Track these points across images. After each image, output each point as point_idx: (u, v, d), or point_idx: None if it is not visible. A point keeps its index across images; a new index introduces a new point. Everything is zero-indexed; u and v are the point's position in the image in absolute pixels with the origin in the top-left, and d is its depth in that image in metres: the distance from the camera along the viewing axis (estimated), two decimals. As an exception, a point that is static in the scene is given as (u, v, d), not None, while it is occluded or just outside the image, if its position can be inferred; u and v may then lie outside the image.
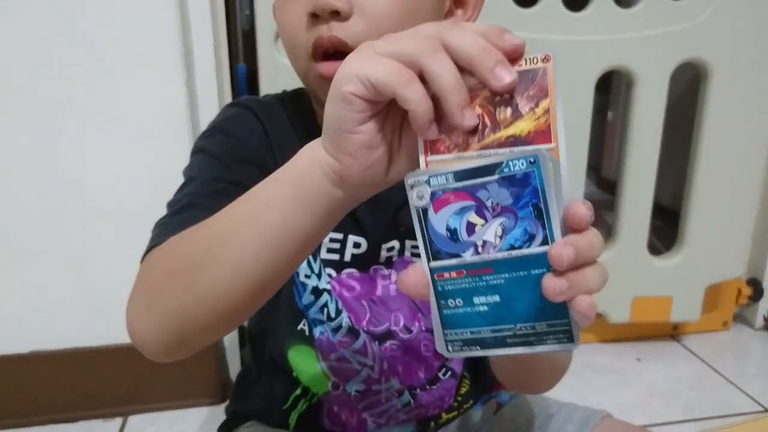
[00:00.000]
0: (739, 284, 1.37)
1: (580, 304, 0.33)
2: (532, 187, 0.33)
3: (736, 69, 1.15)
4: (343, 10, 0.50)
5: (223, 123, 0.61)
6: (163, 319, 0.44)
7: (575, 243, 0.33)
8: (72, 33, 0.94)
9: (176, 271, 0.44)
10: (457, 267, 0.36)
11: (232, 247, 0.41)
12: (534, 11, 1.07)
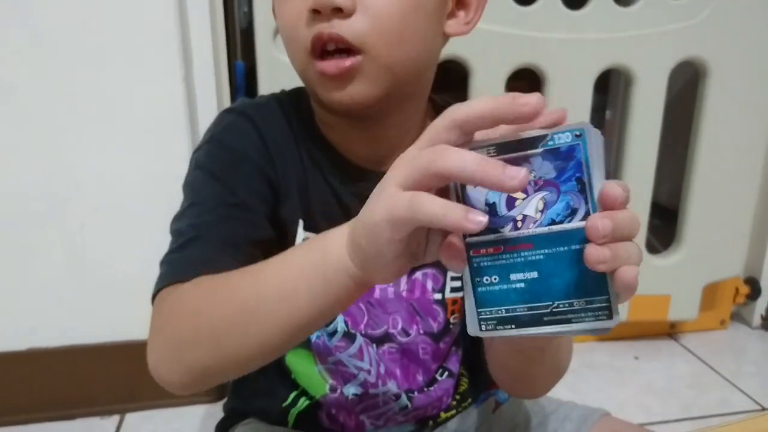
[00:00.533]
0: (737, 283, 1.37)
1: (625, 274, 0.33)
2: (577, 161, 0.33)
3: (734, 68, 1.15)
4: (345, 6, 0.50)
5: (219, 134, 0.60)
6: (187, 370, 0.48)
7: (613, 216, 0.33)
8: (70, 30, 0.94)
9: (203, 332, 0.46)
10: (494, 242, 0.35)
11: (261, 323, 0.44)
12: (533, 9, 1.07)
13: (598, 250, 0.33)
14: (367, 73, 0.52)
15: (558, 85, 1.11)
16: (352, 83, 0.52)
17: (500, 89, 1.10)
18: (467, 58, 1.06)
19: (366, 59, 0.51)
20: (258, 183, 0.58)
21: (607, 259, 0.33)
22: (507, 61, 1.08)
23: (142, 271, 1.06)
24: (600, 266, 0.33)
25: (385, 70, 0.53)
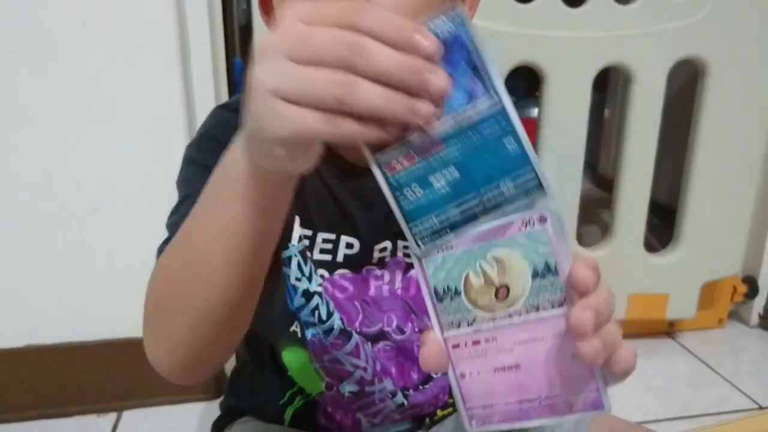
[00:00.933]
0: (735, 282, 1.37)
1: (623, 360, 0.33)
2: (464, 47, 0.31)
3: (733, 66, 1.14)
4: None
5: (213, 130, 0.60)
6: (170, 347, 0.46)
7: (592, 305, 0.32)
8: (69, 29, 0.94)
9: (165, 303, 0.45)
10: (405, 151, 0.33)
11: (205, 262, 0.42)
12: (533, 7, 1.07)
13: (588, 345, 0.31)
14: None
15: (557, 83, 1.11)
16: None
17: (499, 87, 1.10)
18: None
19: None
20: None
21: (598, 351, 0.31)
22: (506, 58, 1.08)
23: (141, 270, 1.06)
24: (598, 359, 0.32)
25: None
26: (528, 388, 0.34)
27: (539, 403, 0.34)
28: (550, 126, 1.13)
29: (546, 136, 1.14)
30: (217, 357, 0.49)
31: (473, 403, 0.35)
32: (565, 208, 1.09)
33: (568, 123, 1.14)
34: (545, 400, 0.34)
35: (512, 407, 0.35)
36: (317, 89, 0.30)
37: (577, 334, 0.31)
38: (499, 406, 0.35)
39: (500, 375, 0.34)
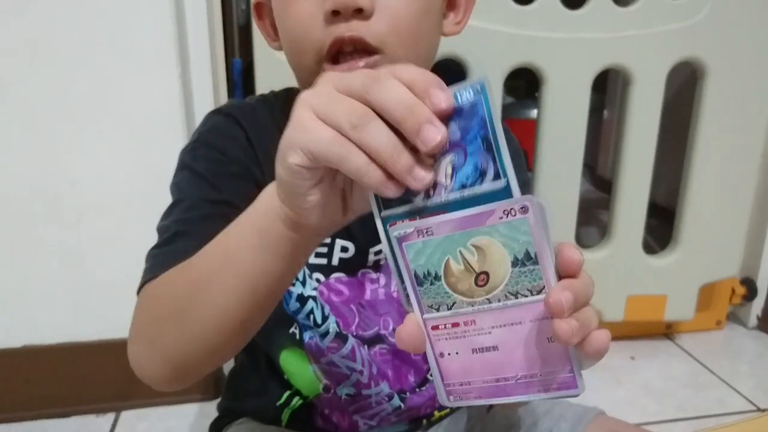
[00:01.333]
0: (733, 284, 1.37)
1: (597, 340, 0.33)
2: (480, 117, 0.31)
3: (732, 68, 1.14)
4: (367, 8, 0.50)
5: (206, 135, 0.60)
6: (162, 359, 0.47)
7: (572, 287, 0.33)
8: (66, 27, 0.94)
9: (166, 316, 0.46)
10: (409, 214, 0.34)
11: (212, 291, 0.43)
12: (532, 8, 1.07)
13: (564, 324, 0.32)
14: None
15: (556, 84, 1.11)
16: None
17: (498, 88, 1.10)
18: (465, 57, 1.06)
19: (383, 59, 0.51)
20: (244, 182, 0.57)
21: (575, 331, 0.32)
22: (505, 60, 1.08)
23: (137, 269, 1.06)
24: (573, 339, 0.32)
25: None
26: (504, 368, 0.35)
27: (515, 382, 0.35)
28: (550, 127, 1.13)
29: (545, 137, 1.14)
30: (204, 372, 0.49)
31: (451, 380, 0.36)
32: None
33: (567, 124, 1.14)
34: (521, 379, 0.35)
35: (489, 385, 0.36)
36: (339, 111, 0.33)
37: (554, 314, 0.32)
38: (476, 384, 0.36)
39: (478, 355, 0.35)
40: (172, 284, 0.47)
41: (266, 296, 0.43)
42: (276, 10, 0.56)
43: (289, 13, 0.53)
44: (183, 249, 0.48)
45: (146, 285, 0.51)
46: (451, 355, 0.36)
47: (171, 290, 0.47)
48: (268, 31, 0.62)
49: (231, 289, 0.42)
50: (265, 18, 0.62)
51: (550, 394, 0.35)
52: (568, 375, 0.34)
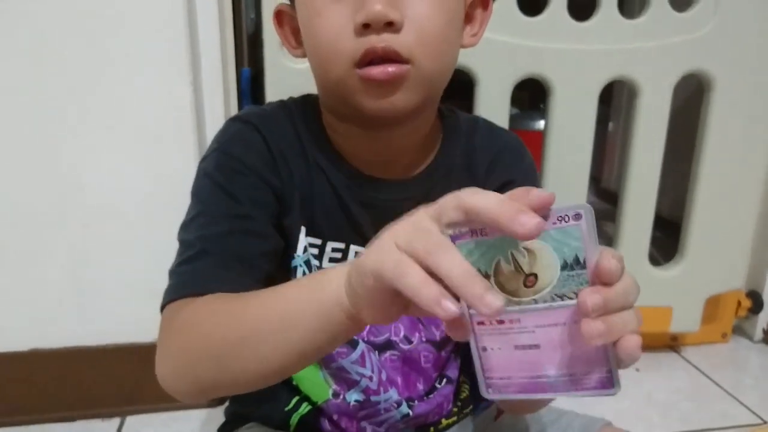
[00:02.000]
0: (739, 296, 1.37)
1: (626, 344, 0.35)
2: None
3: (738, 81, 1.15)
4: (397, 21, 0.51)
5: (226, 144, 0.62)
6: (193, 384, 0.51)
7: (603, 291, 0.34)
8: (79, 33, 0.94)
9: (208, 353, 0.49)
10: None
11: (261, 350, 0.46)
12: (539, 20, 1.07)
13: (591, 325, 0.34)
14: (411, 83, 0.54)
15: (563, 95, 1.11)
16: (396, 92, 0.54)
17: (505, 99, 1.11)
18: (473, 68, 1.07)
19: (412, 69, 0.53)
20: (263, 193, 0.59)
21: (601, 332, 0.34)
22: (512, 71, 1.09)
23: (145, 275, 1.07)
24: (595, 340, 0.34)
25: (426, 81, 0.55)
26: (544, 365, 0.37)
27: (554, 380, 0.37)
28: (556, 138, 1.14)
29: (551, 148, 1.14)
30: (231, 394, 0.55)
31: (492, 374, 0.38)
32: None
33: (573, 135, 1.15)
34: (559, 377, 0.37)
35: (528, 381, 0.38)
36: (411, 250, 0.35)
37: (582, 314, 0.34)
38: (515, 379, 0.38)
39: (520, 352, 0.37)
40: (217, 323, 0.50)
41: (309, 360, 0.48)
42: (302, 19, 0.57)
43: (318, 24, 0.54)
44: (209, 270, 0.53)
45: (173, 303, 0.53)
46: (494, 350, 0.38)
47: (216, 330, 0.49)
48: (289, 38, 0.63)
49: (281, 352, 0.46)
50: (285, 26, 0.63)
51: (586, 393, 0.36)
52: (605, 375, 0.36)
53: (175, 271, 0.57)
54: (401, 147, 0.63)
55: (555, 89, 1.11)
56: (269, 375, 0.48)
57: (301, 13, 0.57)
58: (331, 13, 0.53)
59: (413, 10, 0.52)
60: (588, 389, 0.36)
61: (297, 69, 0.97)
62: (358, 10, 0.51)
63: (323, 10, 0.54)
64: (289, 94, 0.70)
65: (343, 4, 0.53)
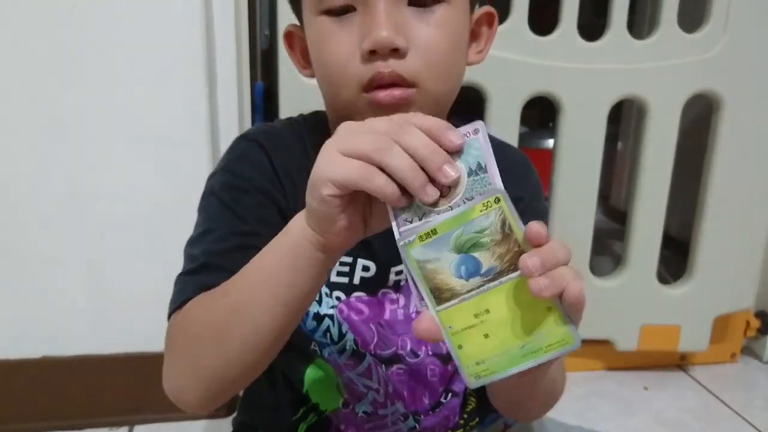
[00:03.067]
0: (748, 316, 1.36)
1: (570, 291, 0.39)
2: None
3: (747, 101, 1.16)
4: (402, 48, 0.53)
5: (233, 163, 0.63)
6: (199, 380, 0.53)
7: (539, 251, 0.40)
8: (99, 46, 0.96)
9: (206, 338, 0.52)
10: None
11: (250, 311, 0.49)
12: (551, 39, 1.09)
13: (537, 281, 0.39)
14: (417, 105, 0.55)
15: (573, 114, 1.12)
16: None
17: (515, 116, 1.12)
18: (484, 85, 1.08)
19: (418, 93, 0.54)
20: (267, 210, 0.61)
21: (547, 285, 0.39)
22: (523, 89, 1.10)
23: (158, 285, 1.07)
24: (544, 293, 0.39)
25: (432, 102, 0.56)
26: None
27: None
28: (565, 157, 1.15)
29: (561, 166, 1.15)
30: (236, 391, 0.54)
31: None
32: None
33: (583, 154, 1.15)
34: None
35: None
36: (365, 145, 0.41)
37: (525, 274, 0.39)
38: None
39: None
40: (209, 308, 0.52)
41: (296, 312, 0.50)
42: (312, 43, 0.59)
43: (326, 49, 0.56)
44: (211, 278, 0.53)
45: (177, 311, 0.55)
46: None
47: (209, 314, 0.52)
48: (299, 59, 0.64)
49: (268, 307, 0.48)
50: (295, 47, 0.64)
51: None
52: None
53: (178, 280, 0.59)
54: None
55: (565, 108, 1.12)
56: (268, 343, 0.50)
57: (309, 35, 0.59)
58: (338, 38, 0.55)
59: (418, 34, 0.54)
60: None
61: (310, 84, 0.97)
62: (365, 35, 0.53)
63: (331, 35, 0.55)
64: (303, 108, 0.71)
65: (350, 29, 0.54)
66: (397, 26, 0.52)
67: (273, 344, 0.50)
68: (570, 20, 1.08)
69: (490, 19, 0.64)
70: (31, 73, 0.96)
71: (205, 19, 0.98)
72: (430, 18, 0.54)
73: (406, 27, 0.53)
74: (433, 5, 0.55)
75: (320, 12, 0.55)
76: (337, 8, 0.54)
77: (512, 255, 0.41)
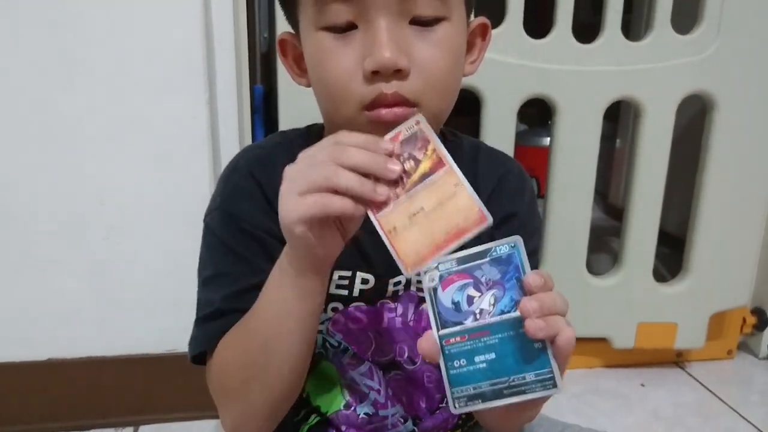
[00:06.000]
0: (744, 313, 1.38)
1: (563, 335, 0.43)
2: (514, 265, 0.45)
3: (741, 101, 1.17)
4: (405, 69, 0.53)
5: (228, 202, 0.65)
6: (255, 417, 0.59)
7: (539, 297, 0.44)
8: (99, 50, 0.98)
9: (249, 379, 0.58)
10: (460, 332, 0.45)
11: (279, 343, 0.55)
12: (546, 42, 1.10)
13: (534, 322, 0.43)
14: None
15: (568, 115, 1.13)
16: None
17: (512, 118, 1.13)
18: (481, 88, 1.09)
19: (418, 111, 0.54)
20: (267, 244, 0.62)
21: (542, 327, 0.42)
22: (519, 91, 1.11)
23: (160, 287, 1.09)
24: (538, 334, 0.42)
25: (432, 119, 0.57)
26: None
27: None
28: (562, 157, 1.16)
29: (557, 166, 1.17)
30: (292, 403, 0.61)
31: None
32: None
33: (579, 154, 1.17)
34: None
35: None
36: (314, 179, 0.47)
37: (523, 314, 0.43)
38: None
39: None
40: (242, 351, 0.58)
41: (313, 325, 0.56)
42: (310, 58, 0.58)
43: (327, 66, 0.55)
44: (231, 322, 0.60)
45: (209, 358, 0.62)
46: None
47: (243, 356, 0.58)
48: (292, 66, 0.64)
49: (290, 333, 0.55)
50: (288, 54, 0.64)
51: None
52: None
53: (200, 326, 0.63)
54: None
55: (560, 109, 1.13)
56: (301, 360, 0.57)
57: (308, 49, 0.58)
58: (340, 56, 0.54)
59: (420, 54, 0.54)
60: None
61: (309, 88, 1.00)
62: (366, 55, 0.53)
63: (332, 52, 0.55)
64: (302, 111, 0.72)
65: (351, 48, 0.54)
66: (399, 46, 0.52)
67: (306, 359, 0.57)
68: (565, 23, 1.09)
69: (483, 30, 0.64)
70: (35, 79, 0.97)
71: (204, 24, 0.99)
72: (432, 37, 0.54)
73: (408, 46, 0.53)
74: (435, 24, 0.55)
75: (321, 28, 0.55)
76: (339, 25, 0.54)
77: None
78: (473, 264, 0.46)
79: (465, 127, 0.77)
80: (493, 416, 0.53)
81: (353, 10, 0.53)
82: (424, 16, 0.54)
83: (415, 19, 0.54)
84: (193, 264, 0.68)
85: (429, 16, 0.54)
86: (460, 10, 0.58)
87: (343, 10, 0.53)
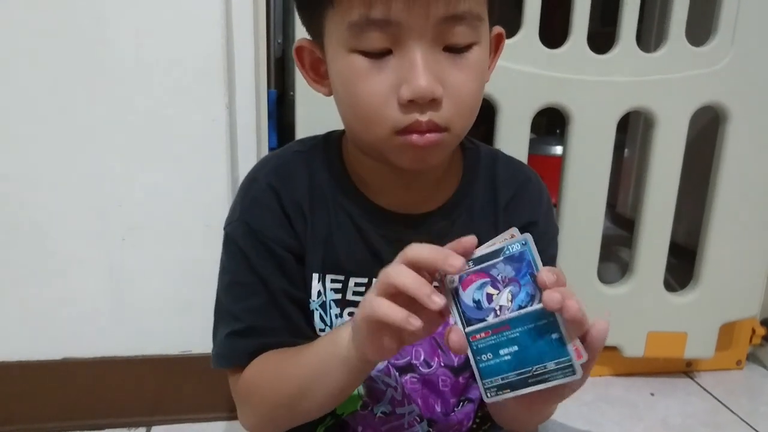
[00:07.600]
0: (754, 324, 1.38)
1: (597, 326, 0.47)
2: (527, 261, 0.47)
3: (754, 113, 1.18)
4: (439, 97, 0.54)
5: (247, 213, 0.66)
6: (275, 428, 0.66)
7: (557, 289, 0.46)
8: (122, 57, 0.99)
9: (280, 405, 0.63)
10: (484, 328, 0.48)
11: (315, 393, 0.60)
12: (561, 52, 1.11)
13: (550, 294, 0.45)
14: (445, 145, 0.58)
15: (582, 125, 1.14)
16: (432, 154, 0.58)
17: (526, 126, 1.14)
18: (496, 97, 1.10)
19: (448, 135, 0.56)
20: (285, 260, 0.65)
21: (559, 299, 0.44)
22: (534, 100, 1.12)
23: (176, 289, 1.10)
24: (555, 305, 0.45)
25: (457, 140, 0.59)
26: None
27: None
28: (574, 166, 1.17)
29: (570, 175, 1.17)
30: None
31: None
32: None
33: (592, 163, 1.17)
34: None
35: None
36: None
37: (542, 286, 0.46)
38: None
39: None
40: (280, 380, 0.63)
41: (349, 393, 0.61)
42: (341, 78, 0.58)
43: (360, 89, 0.56)
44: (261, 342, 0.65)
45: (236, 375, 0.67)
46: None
47: (280, 385, 0.63)
48: (310, 74, 0.64)
49: (328, 390, 0.59)
50: (305, 61, 0.64)
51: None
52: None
53: (228, 340, 0.66)
54: (426, 183, 0.66)
55: (574, 119, 1.14)
56: (328, 403, 0.62)
57: (337, 66, 0.58)
58: (374, 79, 0.55)
59: (453, 81, 0.55)
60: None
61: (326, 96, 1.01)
62: (401, 81, 0.53)
63: (366, 76, 0.55)
64: (319, 115, 0.73)
65: (386, 73, 0.54)
66: (434, 74, 0.53)
67: (334, 403, 0.62)
68: (580, 33, 1.10)
69: (498, 39, 0.65)
70: (58, 84, 0.98)
71: (225, 32, 1.00)
72: (463, 63, 0.55)
73: (442, 74, 0.54)
74: (466, 50, 0.56)
75: (354, 50, 0.55)
76: (374, 51, 0.54)
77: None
78: (489, 263, 0.48)
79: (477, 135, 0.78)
80: (520, 407, 0.54)
81: (390, 37, 0.53)
82: (458, 44, 0.55)
83: (448, 47, 0.55)
84: (209, 267, 0.69)
85: (463, 44, 0.55)
86: (486, 30, 0.59)
87: (380, 37, 0.53)
